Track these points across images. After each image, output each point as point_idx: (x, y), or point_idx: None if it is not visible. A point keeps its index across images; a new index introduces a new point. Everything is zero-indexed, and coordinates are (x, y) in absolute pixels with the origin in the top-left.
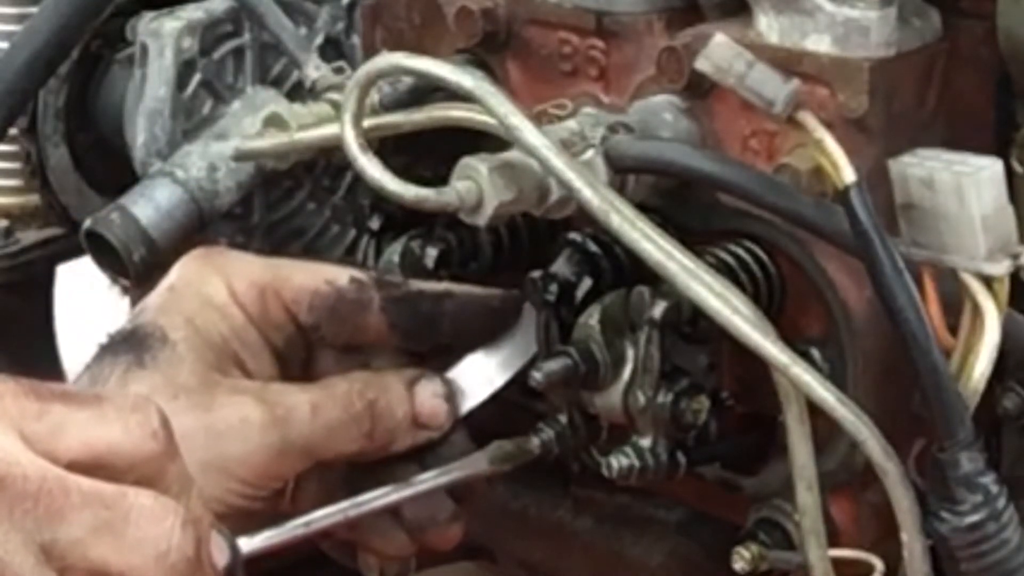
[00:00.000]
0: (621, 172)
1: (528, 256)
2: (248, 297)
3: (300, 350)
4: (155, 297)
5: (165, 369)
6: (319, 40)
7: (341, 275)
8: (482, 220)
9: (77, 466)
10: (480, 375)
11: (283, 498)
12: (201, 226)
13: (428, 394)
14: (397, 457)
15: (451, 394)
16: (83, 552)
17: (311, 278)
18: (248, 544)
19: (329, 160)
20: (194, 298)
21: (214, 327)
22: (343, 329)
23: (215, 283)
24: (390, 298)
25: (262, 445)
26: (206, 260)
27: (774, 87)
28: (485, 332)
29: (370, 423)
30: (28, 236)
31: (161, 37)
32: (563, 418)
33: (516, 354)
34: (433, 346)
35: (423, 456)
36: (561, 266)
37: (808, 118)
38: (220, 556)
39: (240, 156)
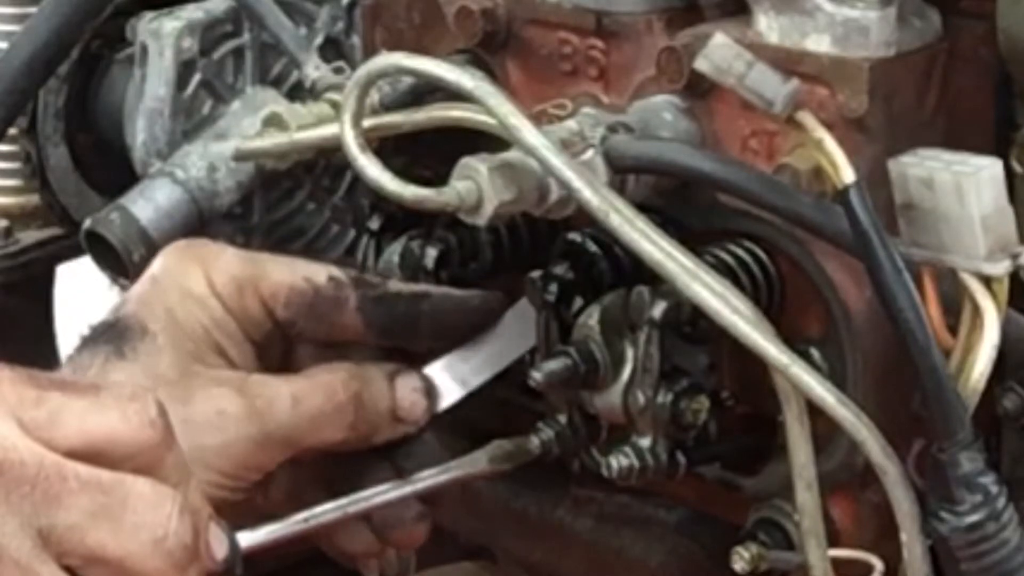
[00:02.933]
0: (621, 172)
1: (528, 256)
2: (227, 290)
3: (279, 344)
4: (136, 289)
5: (144, 360)
6: (319, 40)
7: (319, 272)
8: (482, 220)
9: (75, 454)
10: (454, 376)
11: (262, 491)
12: (201, 226)
13: (408, 388)
14: (369, 455)
15: (429, 390)
16: (80, 537)
17: (289, 274)
18: (248, 538)
19: (329, 160)
20: (174, 290)
21: (194, 318)
22: (320, 326)
23: (195, 275)
24: (367, 297)
25: (240, 437)
26: (187, 252)
27: (774, 87)
28: (464, 332)
29: (354, 414)
30: (28, 236)
31: (161, 37)
32: (563, 418)
33: (493, 358)
34: (412, 346)
35: (394, 455)
36: (561, 266)
37: (808, 118)
38: (219, 547)
39: (240, 156)
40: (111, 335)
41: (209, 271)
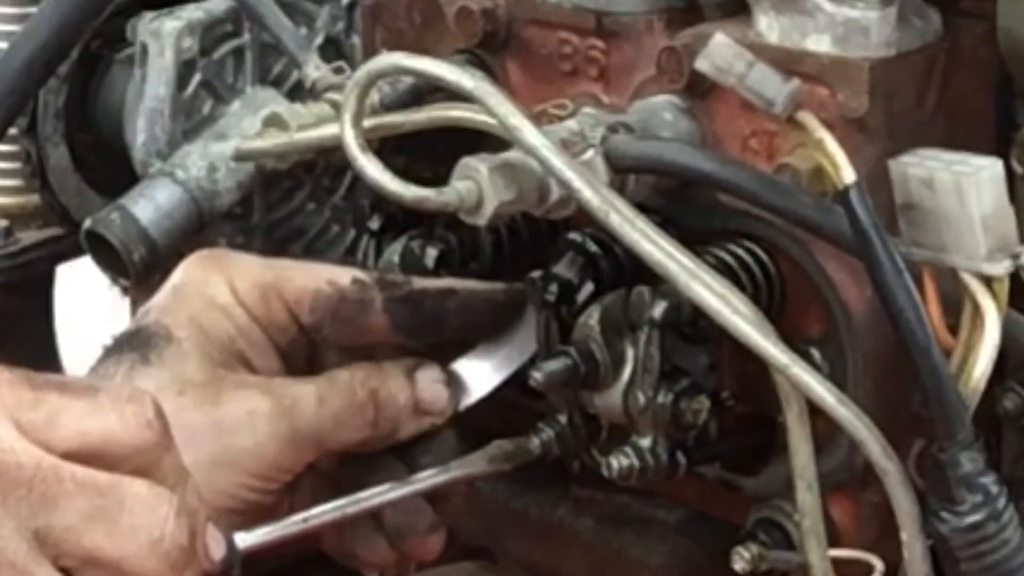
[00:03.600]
0: (621, 172)
1: (528, 256)
2: (251, 298)
3: (304, 349)
4: (159, 299)
5: (171, 365)
6: (319, 40)
7: (343, 276)
8: (482, 220)
9: (72, 455)
10: (480, 372)
11: (290, 493)
12: (201, 226)
13: (428, 380)
14: (386, 454)
15: (451, 380)
16: (77, 539)
17: (313, 279)
18: (245, 539)
19: (329, 160)
20: (198, 299)
21: (219, 326)
22: (346, 329)
23: (218, 284)
24: (393, 298)
25: (271, 436)
26: (209, 261)
27: (774, 87)
28: (490, 327)
29: (373, 412)
30: (28, 236)
31: (161, 37)
32: (563, 418)
33: (517, 352)
34: (438, 343)
35: (412, 454)
36: (561, 266)
37: (808, 118)
38: (216, 548)
39: (240, 156)
40: (136, 343)
41: (232, 279)
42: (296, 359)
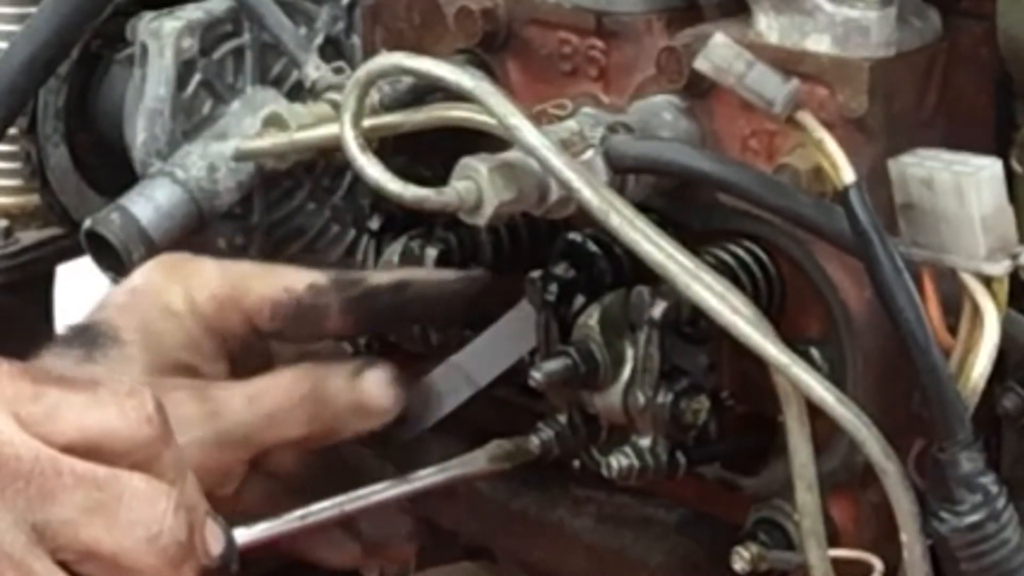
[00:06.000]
0: (621, 172)
1: (528, 256)
2: (208, 309)
3: (257, 352)
4: (116, 297)
5: (114, 367)
6: (319, 40)
7: (299, 282)
8: (482, 220)
9: (72, 449)
10: (459, 376)
11: (234, 496)
12: (201, 226)
13: (372, 380)
14: (349, 464)
15: (397, 380)
16: (75, 533)
17: (269, 287)
18: (244, 535)
19: (329, 160)
20: (153, 306)
21: (169, 336)
22: (306, 333)
23: (175, 293)
24: (349, 299)
25: (196, 440)
26: (169, 268)
27: (774, 87)
28: (452, 313)
29: (312, 408)
30: (28, 236)
31: (161, 37)
32: (563, 418)
33: (497, 357)
34: (402, 332)
35: (392, 459)
36: (561, 266)
37: (808, 118)
38: (215, 544)
39: (240, 156)
40: (84, 339)
41: (190, 290)
42: (249, 362)
